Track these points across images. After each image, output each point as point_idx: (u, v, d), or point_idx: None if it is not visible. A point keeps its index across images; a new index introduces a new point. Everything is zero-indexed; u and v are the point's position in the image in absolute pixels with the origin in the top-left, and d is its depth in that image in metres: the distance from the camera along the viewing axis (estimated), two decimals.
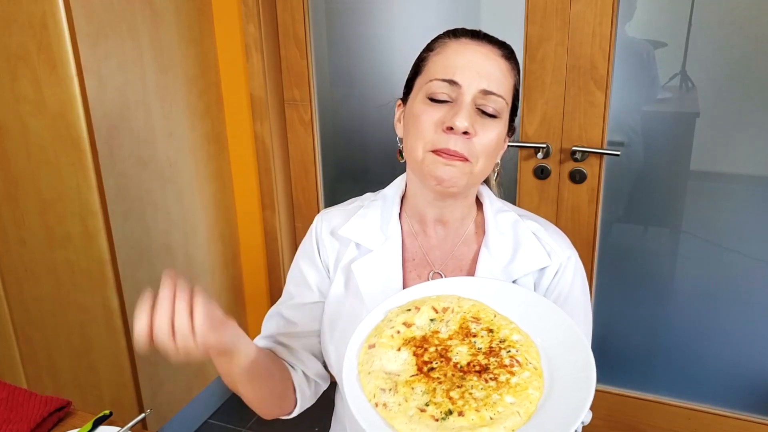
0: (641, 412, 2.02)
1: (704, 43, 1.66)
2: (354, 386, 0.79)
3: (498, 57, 0.94)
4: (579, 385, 0.74)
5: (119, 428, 1.05)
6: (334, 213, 1.08)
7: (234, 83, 2.11)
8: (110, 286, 1.80)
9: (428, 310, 0.87)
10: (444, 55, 0.94)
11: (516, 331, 0.84)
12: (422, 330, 0.85)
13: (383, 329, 0.85)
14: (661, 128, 1.82)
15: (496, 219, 1.02)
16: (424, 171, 0.93)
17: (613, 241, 1.93)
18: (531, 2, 1.73)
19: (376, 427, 0.73)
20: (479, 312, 0.87)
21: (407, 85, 1.00)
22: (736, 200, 1.78)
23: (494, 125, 0.93)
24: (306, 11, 2.04)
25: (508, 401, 0.75)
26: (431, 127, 0.91)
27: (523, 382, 0.77)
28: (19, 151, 1.73)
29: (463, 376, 0.79)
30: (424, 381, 0.78)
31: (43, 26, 1.57)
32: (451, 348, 0.83)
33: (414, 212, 1.03)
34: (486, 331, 0.84)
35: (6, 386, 1.18)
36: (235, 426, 2.27)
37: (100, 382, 1.95)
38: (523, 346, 0.82)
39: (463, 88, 0.91)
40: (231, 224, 2.28)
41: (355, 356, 0.83)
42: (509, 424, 0.72)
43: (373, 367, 0.80)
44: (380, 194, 1.08)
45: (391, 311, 0.88)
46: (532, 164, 1.88)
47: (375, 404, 0.76)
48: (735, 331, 1.86)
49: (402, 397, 0.76)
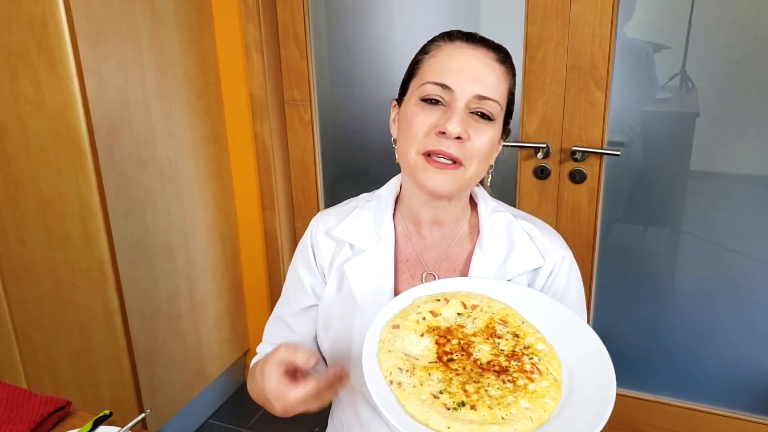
0: (641, 412, 2.02)
1: (704, 43, 1.66)
2: (372, 361, 0.79)
3: (493, 61, 0.93)
4: (596, 403, 0.74)
5: (119, 428, 1.05)
6: (329, 214, 1.09)
7: (234, 83, 2.11)
8: (110, 286, 1.80)
9: (457, 304, 0.87)
10: (438, 59, 0.94)
11: (542, 341, 0.84)
12: (448, 322, 0.86)
13: (410, 313, 0.85)
14: (661, 128, 1.82)
15: (491, 219, 1.02)
16: (416, 176, 0.93)
17: (613, 241, 1.93)
18: (531, 2, 1.73)
19: (388, 403, 0.73)
20: (508, 316, 0.87)
21: (402, 87, 1.00)
22: (736, 200, 1.78)
23: (488, 129, 0.93)
24: (306, 11, 2.04)
25: (523, 405, 0.74)
26: (424, 130, 0.92)
27: (540, 389, 0.76)
28: (19, 151, 1.73)
29: (481, 372, 0.79)
30: (441, 369, 0.78)
31: (43, 26, 1.57)
32: (474, 344, 0.83)
33: (409, 213, 1.03)
34: (511, 335, 0.84)
35: (6, 386, 1.18)
36: (235, 426, 2.27)
37: (100, 382, 1.95)
38: (546, 356, 0.81)
39: (457, 93, 0.91)
40: (231, 224, 2.28)
41: (378, 333, 0.83)
42: (520, 427, 0.72)
43: (394, 346, 0.80)
44: (375, 194, 1.08)
45: (420, 298, 0.88)
46: (532, 164, 1.88)
47: (390, 381, 0.76)
48: (735, 331, 1.86)
49: (417, 380, 0.76)
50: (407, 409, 0.73)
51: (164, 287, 1.99)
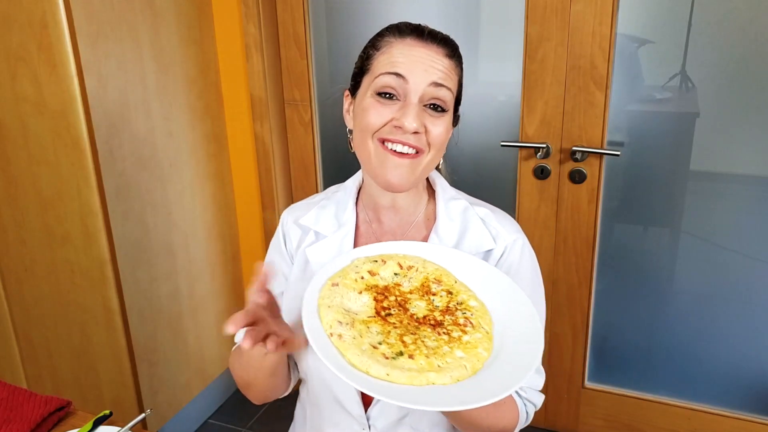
0: (641, 412, 2.02)
1: (704, 43, 1.66)
2: (313, 317, 0.81)
3: (443, 57, 0.96)
4: (525, 355, 0.78)
5: (119, 428, 1.05)
6: (299, 205, 1.15)
7: (234, 83, 2.11)
8: (110, 286, 1.80)
9: (394, 265, 0.91)
10: (389, 54, 0.96)
11: (473, 298, 0.88)
12: (385, 281, 0.89)
13: (348, 272, 0.89)
14: (661, 128, 1.82)
15: (447, 206, 1.05)
16: (373, 170, 0.97)
17: (613, 241, 1.93)
18: (531, 2, 1.73)
19: (329, 354, 0.75)
20: (442, 276, 0.91)
21: (354, 79, 1.03)
22: (736, 200, 1.78)
23: (442, 119, 0.96)
24: (306, 11, 2.04)
25: (458, 355, 0.78)
26: (380, 123, 0.95)
27: (474, 341, 0.81)
28: (19, 151, 1.73)
29: (417, 326, 0.83)
30: (380, 323, 0.82)
31: (43, 26, 1.57)
32: (411, 301, 0.87)
33: (369, 201, 1.08)
34: (446, 292, 0.88)
35: (6, 386, 1.18)
36: (235, 426, 2.27)
37: (100, 382, 1.95)
38: (478, 311, 0.86)
39: (411, 85, 0.93)
40: (231, 224, 2.28)
41: (317, 290, 0.85)
42: (455, 374, 0.75)
43: (334, 302, 0.83)
44: (342, 186, 1.13)
45: (358, 259, 0.92)
46: (532, 164, 1.88)
47: (330, 334, 0.79)
48: (735, 331, 1.86)
49: (357, 332, 0.79)
50: (348, 359, 0.75)
51: (164, 287, 1.99)
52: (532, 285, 1.04)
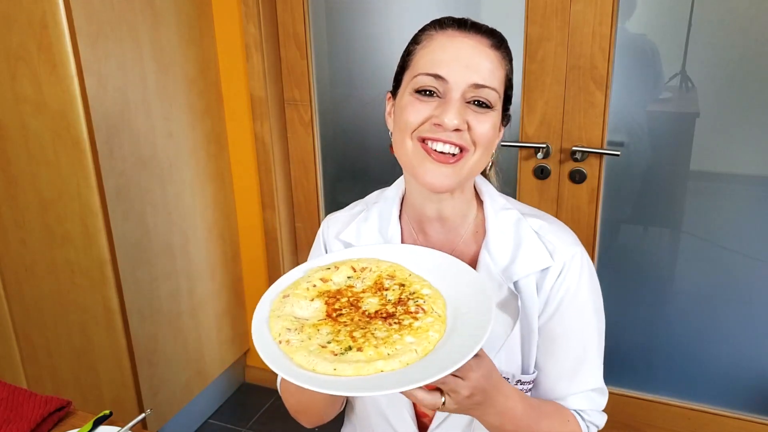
0: (641, 412, 2.01)
1: (704, 43, 1.66)
2: (262, 327, 0.82)
3: (487, 48, 0.89)
4: (476, 329, 0.77)
5: (119, 428, 1.05)
6: (338, 217, 1.08)
7: (234, 83, 2.11)
8: (110, 286, 1.80)
9: (347, 270, 0.90)
10: (430, 49, 0.91)
11: (427, 287, 0.87)
12: (338, 286, 0.89)
13: (300, 283, 0.88)
14: (661, 128, 1.82)
15: (498, 218, 0.98)
16: (414, 170, 0.91)
17: (613, 241, 1.92)
18: (531, 2, 1.73)
19: (276, 360, 0.75)
20: (395, 271, 0.90)
21: (396, 79, 0.98)
22: (736, 200, 1.78)
23: (488, 116, 0.89)
24: (306, 11, 2.04)
25: (408, 341, 0.78)
26: (419, 120, 0.89)
27: (425, 325, 0.80)
28: (19, 151, 1.73)
29: (368, 321, 0.82)
30: (330, 324, 0.81)
31: (43, 26, 1.57)
32: (363, 299, 0.86)
33: (413, 212, 1.01)
34: (398, 286, 0.87)
35: (6, 386, 1.18)
36: (235, 426, 2.27)
37: (100, 382, 1.95)
38: (431, 298, 0.84)
39: (451, 84, 0.87)
40: (231, 224, 2.28)
41: (267, 302, 0.86)
42: (405, 359, 0.75)
43: (284, 312, 0.83)
44: (382, 195, 1.06)
45: (311, 269, 0.91)
46: (532, 164, 1.88)
47: (279, 342, 0.79)
48: (735, 331, 1.86)
49: (306, 336, 0.79)
50: (295, 362, 0.75)
51: (164, 287, 1.99)
52: (593, 305, 0.98)
